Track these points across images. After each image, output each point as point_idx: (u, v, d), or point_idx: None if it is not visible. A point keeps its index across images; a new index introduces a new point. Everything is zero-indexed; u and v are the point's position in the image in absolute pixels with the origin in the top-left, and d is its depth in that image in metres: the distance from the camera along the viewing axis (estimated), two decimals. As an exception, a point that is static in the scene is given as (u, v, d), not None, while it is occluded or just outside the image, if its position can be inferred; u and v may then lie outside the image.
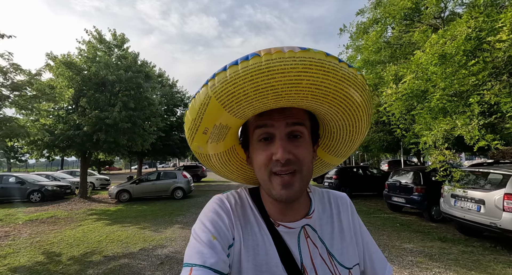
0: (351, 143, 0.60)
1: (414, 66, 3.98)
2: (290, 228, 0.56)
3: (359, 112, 0.52)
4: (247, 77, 0.42)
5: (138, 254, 4.48)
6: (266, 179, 0.52)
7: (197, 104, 0.48)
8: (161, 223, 6.58)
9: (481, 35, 3.35)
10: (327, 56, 0.43)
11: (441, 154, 3.83)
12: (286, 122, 0.51)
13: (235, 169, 0.67)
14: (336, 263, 0.55)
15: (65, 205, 9.75)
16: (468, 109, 3.70)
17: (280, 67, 0.41)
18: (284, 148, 0.49)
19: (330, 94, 0.46)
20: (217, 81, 0.44)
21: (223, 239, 0.50)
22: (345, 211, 0.63)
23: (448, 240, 4.77)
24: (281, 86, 0.43)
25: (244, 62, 0.42)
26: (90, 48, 10.15)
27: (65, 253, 4.56)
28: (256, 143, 0.54)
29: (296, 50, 0.42)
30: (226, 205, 0.57)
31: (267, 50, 0.43)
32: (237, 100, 0.45)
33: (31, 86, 5.37)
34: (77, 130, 9.60)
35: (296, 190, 0.50)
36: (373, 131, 7.74)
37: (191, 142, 0.56)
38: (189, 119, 0.51)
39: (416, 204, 6.35)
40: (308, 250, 0.55)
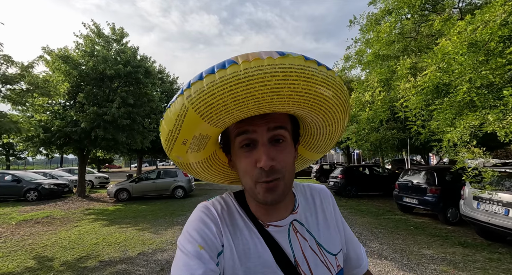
0: (330, 140, 0.61)
1: (440, 56, 3.62)
2: (279, 226, 0.56)
3: (338, 113, 0.52)
4: (225, 88, 0.41)
5: (137, 259, 4.16)
6: (252, 185, 0.51)
7: (173, 115, 0.46)
8: (161, 224, 6.27)
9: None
10: (306, 60, 0.43)
11: (470, 152, 3.48)
12: (268, 127, 0.50)
13: (217, 172, 0.66)
14: (325, 252, 0.58)
15: (62, 204, 9.44)
16: (501, 102, 3.35)
17: (260, 76, 0.40)
18: (267, 155, 0.49)
19: (311, 100, 0.46)
20: (194, 91, 0.42)
21: (211, 248, 0.49)
22: (327, 202, 0.66)
23: (469, 245, 4.43)
24: (261, 95, 0.42)
25: (222, 71, 0.41)
26: (88, 42, 9.78)
27: (58, 257, 4.23)
28: (238, 149, 0.53)
29: (274, 56, 0.41)
30: (213, 212, 0.55)
31: (244, 57, 0.42)
32: (216, 111, 0.44)
33: (23, 79, 5.02)
34: (75, 127, 9.27)
35: (279, 193, 0.51)
36: (384, 128, 7.39)
37: (169, 152, 0.54)
38: (166, 130, 0.49)
39: (430, 206, 6.01)
40: (298, 244, 0.56)
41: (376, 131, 7.24)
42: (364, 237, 5.03)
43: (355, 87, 6.69)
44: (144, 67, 10.60)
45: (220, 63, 0.42)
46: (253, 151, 0.51)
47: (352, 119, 7.52)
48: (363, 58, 7.45)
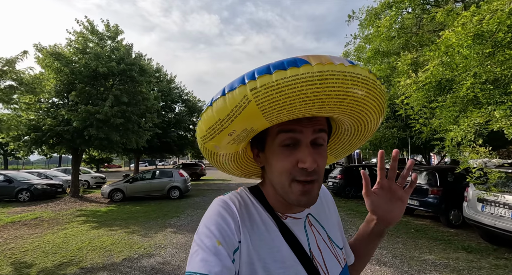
0: (353, 147, 0.63)
1: (443, 49, 3.37)
2: (297, 219, 0.58)
3: (373, 122, 0.54)
4: (296, 87, 0.40)
5: (121, 265, 3.93)
6: (286, 185, 0.52)
7: (229, 105, 0.44)
8: (152, 227, 6.04)
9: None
10: (369, 73, 0.44)
11: (475, 152, 3.23)
12: (314, 129, 0.51)
13: (239, 165, 0.66)
14: (334, 245, 0.62)
15: (54, 205, 9.22)
16: (508, 98, 3.11)
17: (332, 81, 0.41)
18: (312, 157, 0.50)
19: (364, 110, 0.48)
20: (260, 84, 0.41)
21: (228, 244, 0.49)
22: (330, 202, 0.71)
23: (474, 250, 4.19)
24: (328, 100, 0.43)
25: (294, 69, 0.40)
26: (80, 39, 9.54)
27: (37, 263, 4.01)
28: (277, 147, 0.53)
29: (346, 64, 0.42)
30: (231, 207, 0.55)
31: (316, 58, 0.41)
32: (279, 108, 0.43)
33: (5, 75, 4.80)
34: (67, 126, 9.05)
35: (314, 196, 0.52)
36: (384, 127, 7.15)
37: (209, 140, 0.52)
38: (214, 118, 0.47)
39: (431, 207, 5.77)
40: (314, 236, 0.59)
41: (376, 130, 7.04)
42: (362, 241, 4.78)
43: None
44: (138, 65, 10.36)
45: (289, 60, 0.41)
46: (294, 151, 0.51)
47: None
48: (362, 55, 7.22)
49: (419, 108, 4.22)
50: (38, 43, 9.07)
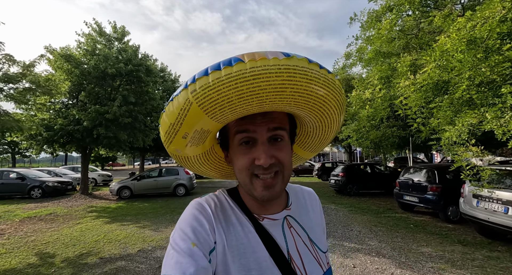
0: (324, 139, 0.63)
1: (438, 53, 3.58)
2: (274, 220, 0.58)
3: (335, 115, 0.54)
4: (231, 85, 0.42)
5: (136, 256, 4.21)
6: (248, 181, 0.53)
7: (176, 109, 0.46)
8: (161, 222, 6.33)
9: None
10: (309, 63, 0.44)
11: (467, 151, 3.45)
12: (268, 128, 0.52)
13: (213, 166, 0.67)
14: (317, 248, 0.60)
15: (66, 201, 9.57)
16: (499, 100, 3.32)
17: (265, 75, 0.41)
18: (266, 153, 0.50)
19: (311, 101, 0.48)
20: (199, 86, 0.43)
21: (204, 245, 0.49)
22: (315, 204, 0.69)
23: (469, 243, 4.41)
24: (265, 94, 0.43)
25: (228, 68, 0.41)
26: (89, 41, 9.83)
27: (59, 254, 4.31)
28: (237, 146, 0.54)
29: (280, 57, 0.42)
30: (206, 209, 0.55)
31: (250, 55, 0.42)
32: (220, 107, 0.44)
33: (25, 78, 5.09)
34: (77, 126, 9.36)
35: (277, 190, 0.52)
36: (385, 126, 7.35)
37: (168, 145, 0.55)
38: (167, 123, 0.50)
39: (431, 204, 5.99)
40: (292, 238, 0.57)
41: (376, 129, 7.21)
42: (363, 235, 5.03)
43: (356, 85, 6.66)
44: (145, 65, 10.63)
45: (226, 60, 0.43)
46: (252, 149, 0.52)
47: (353, 117, 7.49)
48: (364, 56, 7.40)
49: (416, 109, 4.43)
50: (48, 45, 9.38)
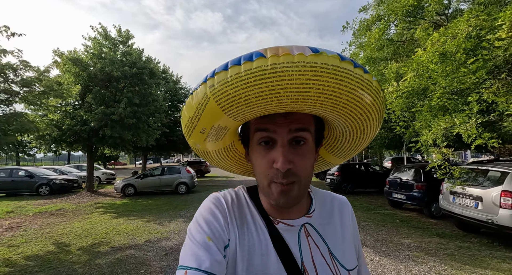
0: (356, 146, 0.58)
1: (415, 65, 4.02)
2: (290, 225, 0.54)
3: (370, 120, 0.49)
4: (249, 82, 0.39)
5: (144, 245, 4.65)
6: (265, 185, 0.51)
7: (194, 103, 0.46)
8: (165, 217, 6.77)
9: (481, 34, 3.38)
10: (341, 61, 0.39)
11: (440, 152, 3.88)
12: (289, 129, 0.48)
13: (233, 162, 0.66)
14: (338, 264, 0.54)
15: (73, 198, 10.02)
16: (467, 107, 3.75)
17: (287, 73, 0.38)
18: (285, 157, 0.47)
19: (341, 103, 0.43)
20: (217, 81, 0.41)
21: (218, 240, 0.49)
22: (346, 214, 0.62)
23: (446, 235, 4.85)
24: (286, 94, 0.40)
25: (248, 64, 0.39)
26: (96, 45, 10.28)
27: (74, 243, 4.76)
28: (256, 145, 0.52)
29: (307, 53, 0.38)
30: (223, 204, 0.55)
31: (274, 50, 0.39)
32: (237, 105, 0.43)
33: (40, 82, 5.54)
34: (84, 126, 9.81)
35: (294, 197, 0.49)
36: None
37: (188, 138, 0.55)
38: (186, 116, 0.49)
39: (416, 201, 6.42)
40: (309, 248, 0.53)
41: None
42: (351, 228, 5.47)
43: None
44: (148, 68, 11.08)
45: (247, 54, 0.40)
46: (271, 150, 0.49)
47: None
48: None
49: (399, 113, 4.86)
50: (57, 49, 9.83)
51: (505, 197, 3.86)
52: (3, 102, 5.32)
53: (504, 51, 3.10)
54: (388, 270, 3.49)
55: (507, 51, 3.09)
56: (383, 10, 6.09)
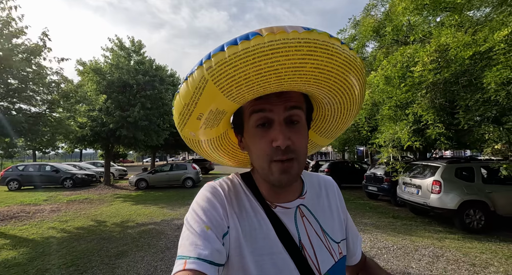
0: (342, 124, 0.61)
1: (367, 85, 5.26)
2: (286, 208, 0.57)
3: (355, 96, 0.52)
4: (248, 60, 0.40)
5: (161, 223, 6.00)
6: (266, 166, 0.51)
7: (191, 88, 0.45)
8: (175, 204, 8.12)
9: (409, 65, 4.60)
10: (330, 37, 0.42)
11: (386, 151, 5.14)
12: (285, 106, 0.50)
13: (226, 153, 0.67)
14: (329, 238, 0.60)
15: (94, 190, 11.47)
16: (407, 118, 4.99)
17: (284, 49, 0.39)
18: (284, 134, 0.49)
19: (332, 78, 0.46)
20: (214, 62, 0.41)
21: (217, 229, 0.50)
22: (332, 192, 0.68)
23: (399, 217, 6.09)
24: (284, 70, 0.42)
25: (245, 43, 0.40)
26: (114, 56, 11.69)
27: (108, 220, 6.13)
28: (252, 128, 0.53)
29: (300, 30, 0.40)
30: (220, 192, 0.56)
31: (269, 29, 0.40)
32: (237, 85, 0.43)
33: (76, 93, 6.90)
34: (103, 127, 11.23)
35: (294, 174, 0.51)
36: (351, 131, 9.03)
37: (182, 127, 0.54)
38: (181, 103, 0.48)
39: (385, 192, 7.66)
40: (304, 228, 0.57)
41: (343, 133, 9.00)
42: (327, 213, 6.75)
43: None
44: (159, 76, 12.46)
45: (243, 35, 0.41)
46: (268, 131, 0.51)
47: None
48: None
49: (364, 121, 6.11)
50: (79, 59, 11.27)
51: (435, 185, 5.09)
52: (49, 110, 6.70)
53: (421, 78, 4.30)
54: (342, 237, 4.77)
55: (422, 78, 4.29)
56: (357, 32, 7.30)
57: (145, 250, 4.26)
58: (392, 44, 6.46)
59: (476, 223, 4.85)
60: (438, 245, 4.24)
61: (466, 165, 5.22)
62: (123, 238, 4.87)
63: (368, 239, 4.61)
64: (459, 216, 4.86)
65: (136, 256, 3.99)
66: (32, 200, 8.96)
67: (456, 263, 3.54)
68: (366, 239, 4.61)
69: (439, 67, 4.19)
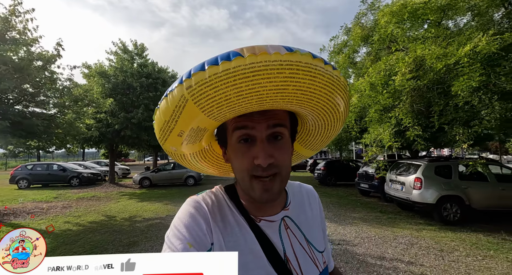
0: (326, 138, 0.63)
1: (353, 92, 5.75)
2: (271, 221, 0.58)
3: (338, 113, 0.54)
4: (229, 81, 0.40)
5: (166, 218, 6.51)
6: (247, 182, 0.52)
7: (170, 105, 0.45)
8: (179, 201, 8.62)
9: (390, 73, 5.07)
10: (313, 58, 0.42)
11: (371, 151, 5.63)
12: (268, 124, 0.51)
13: (211, 164, 0.68)
14: (313, 249, 0.60)
15: (100, 188, 11.99)
16: (390, 120, 5.48)
17: (266, 72, 0.39)
18: (265, 152, 0.49)
19: (315, 99, 0.46)
20: (195, 82, 0.41)
21: (200, 245, 0.49)
22: (314, 202, 0.68)
23: (386, 212, 6.60)
24: (266, 92, 0.42)
25: (226, 63, 0.39)
26: (118, 59, 12.17)
27: (117, 215, 6.65)
28: (235, 144, 0.53)
29: (282, 52, 0.40)
30: (203, 207, 0.55)
31: (250, 49, 0.40)
32: (217, 105, 0.43)
33: (86, 98, 7.40)
34: (108, 128, 11.73)
35: (275, 192, 0.51)
36: (343, 131, 9.54)
37: (163, 142, 0.54)
38: (162, 120, 0.49)
39: (375, 188, 8.17)
40: (289, 240, 0.57)
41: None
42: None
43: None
44: (161, 78, 12.94)
45: (224, 54, 0.40)
46: (251, 147, 0.51)
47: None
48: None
49: (353, 124, 6.60)
50: (85, 62, 11.76)
51: (416, 182, 5.59)
52: (60, 113, 7.20)
53: (400, 86, 4.77)
54: (331, 230, 5.26)
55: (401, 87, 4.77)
56: (348, 39, 7.77)
57: (153, 240, 4.78)
58: (380, 50, 6.93)
59: (453, 216, 5.35)
60: (415, 235, 4.75)
61: (445, 163, 5.72)
62: (133, 231, 5.38)
63: (354, 231, 5.11)
64: (437, 209, 5.36)
65: (146, 246, 4.50)
66: (43, 197, 9.49)
67: (427, 249, 4.05)
68: (352, 231, 5.11)
69: (416, 76, 4.67)
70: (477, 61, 3.71)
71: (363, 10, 7.33)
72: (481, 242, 4.29)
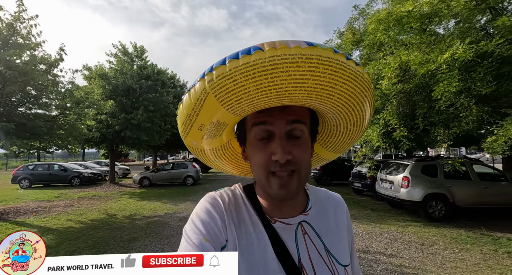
0: (349, 139, 0.60)
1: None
2: (287, 224, 0.56)
3: (362, 112, 0.52)
4: (248, 74, 0.41)
5: (164, 216, 6.76)
6: (264, 178, 0.52)
7: (193, 99, 0.47)
8: (177, 200, 8.88)
9: (378, 78, 5.33)
10: (335, 53, 0.41)
11: (360, 151, 5.89)
12: (287, 120, 0.50)
13: (230, 162, 0.67)
14: (334, 261, 0.56)
15: (100, 188, 12.23)
16: (378, 122, 5.74)
17: (285, 65, 0.40)
18: (283, 148, 0.49)
19: (336, 95, 0.46)
20: (216, 76, 0.42)
21: (215, 241, 0.50)
22: (340, 211, 0.64)
23: (377, 210, 6.86)
24: (285, 86, 0.42)
25: (246, 57, 0.40)
26: (118, 62, 12.42)
27: (117, 214, 6.90)
28: (253, 140, 0.53)
29: (302, 46, 0.40)
30: (219, 204, 0.56)
31: (271, 44, 0.41)
32: (237, 98, 0.44)
33: (87, 100, 7.66)
34: (109, 129, 11.98)
35: (293, 190, 0.51)
36: None
37: (185, 136, 0.56)
38: (184, 114, 0.50)
39: (367, 187, 8.43)
40: (305, 246, 0.55)
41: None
42: (313, 206, 7.54)
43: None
44: (160, 80, 13.20)
45: (245, 49, 0.41)
46: (269, 143, 0.51)
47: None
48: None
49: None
50: (85, 64, 12.01)
51: (404, 181, 5.85)
52: (62, 115, 7.45)
53: (387, 90, 5.03)
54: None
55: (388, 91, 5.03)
56: (342, 42, 8.02)
57: (152, 236, 5.03)
58: (372, 53, 7.19)
59: (437, 213, 5.62)
60: (400, 230, 5.01)
61: (431, 162, 5.99)
62: (133, 228, 5.64)
63: (344, 227, 5.37)
64: (423, 207, 5.63)
65: (146, 241, 4.76)
66: (45, 196, 9.74)
67: (409, 243, 4.31)
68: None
69: (402, 80, 4.93)
70: (455, 67, 3.97)
71: (355, 15, 7.59)
72: (461, 237, 4.56)
